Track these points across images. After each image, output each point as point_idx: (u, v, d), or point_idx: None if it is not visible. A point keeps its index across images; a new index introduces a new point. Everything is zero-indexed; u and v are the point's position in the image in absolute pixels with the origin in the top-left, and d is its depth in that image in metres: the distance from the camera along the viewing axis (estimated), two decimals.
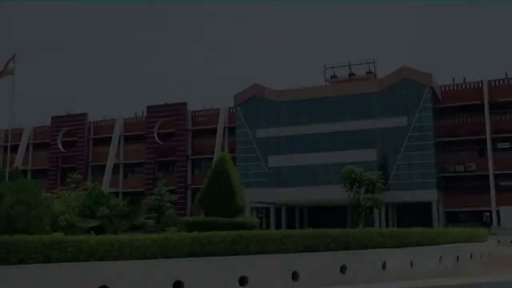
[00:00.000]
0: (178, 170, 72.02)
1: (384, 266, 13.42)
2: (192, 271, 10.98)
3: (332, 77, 66.23)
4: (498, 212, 52.42)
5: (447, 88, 63.67)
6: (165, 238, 11.11)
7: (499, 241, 25.67)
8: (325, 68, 66.07)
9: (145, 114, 75.17)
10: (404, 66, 59.57)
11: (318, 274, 12.38)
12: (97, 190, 19.29)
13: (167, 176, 72.41)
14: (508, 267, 15.64)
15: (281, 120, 62.85)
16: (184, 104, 73.20)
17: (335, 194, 45.22)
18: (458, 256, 15.09)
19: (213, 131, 70.86)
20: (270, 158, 59.64)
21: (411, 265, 14.04)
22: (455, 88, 63.61)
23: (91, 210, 17.82)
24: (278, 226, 55.50)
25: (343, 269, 12.76)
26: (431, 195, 55.52)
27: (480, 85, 61.76)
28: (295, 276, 12.08)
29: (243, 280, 11.35)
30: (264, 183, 59.31)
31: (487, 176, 59.14)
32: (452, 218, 59.51)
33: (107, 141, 75.84)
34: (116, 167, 74.86)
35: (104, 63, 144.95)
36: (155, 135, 73.10)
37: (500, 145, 62.59)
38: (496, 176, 59.41)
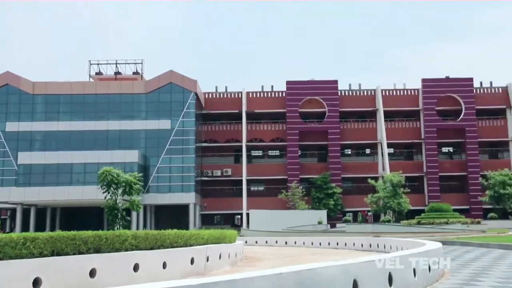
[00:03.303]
0: None
1: (136, 269, 13.09)
2: None
3: (97, 73, 63.92)
4: (248, 215, 56.39)
5: (210, 96, 66.80)
6: None
7: (246, 242, 27.46)
8: (90, 64, 63.58)
9: None
10: (171, 70, 60.60)
11: (65, 279, 11.46)
12: None
13: None
14: (251, 265, 16.73)
15: (36, 114, 58.37)
16: None
17: (92, 195, 43.72)
18: (208, 257, 15.55)
19: None
20: (20, 154, 54.78)
21: (164, 266, 13.98)
22: (218, 96, 67.12)
23: None
24: (25, 229, 51.04)
25: (92, 273, 12.04)
26: (189, 198, 57.33)
27: (239, 95, 66.21)
28: (36, 283, 10.96)
29: None
30: (12, 181, 54.31)
31: (240, 181, 63.56)
32: (207, 220, 62.46)
33: None
34: None
35: None
36: None
37: (253, 153, 68.08)
38: (248, 182, 64.26)
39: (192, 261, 14.88)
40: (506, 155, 66.55)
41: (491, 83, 67.17)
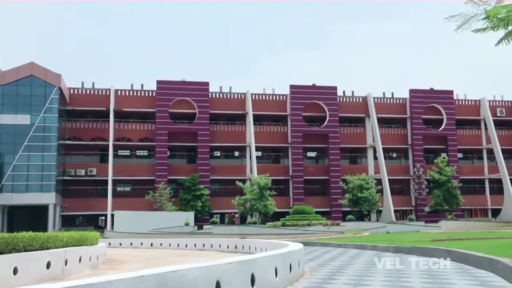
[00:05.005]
0: None
1: None
2: None
3: None
4: (112, 216, 54.76)
5: (76, 92, 63.66)
6: None
7: (110, 244, 26.55)
8: None
9: None
10: (32, 62, 56.83)
11: None
12: None
13: None
14: (113, 268, 16.15)
15: None
16: None
17: None
18: (67, 260, 14.73)
19: None
20: None
21: (15, 272, 12.94)
22: (84, 92, 64.15)
23: None
24: None
25: None
26: (49, 198, 54.17)
27: (108, 93, 63.83)
28: None
29: None
30: None
31: (106, 181, 61.28)
32: (69, 222, 59.49)
33: None
34: None
35: None
36: None
37: (120, 152, 66.03)
38: (114, 182, 62.19)
39: (48, 265, 13.98)
40: (364, 160, 71.40)
41: (352, 92, 71.67)
